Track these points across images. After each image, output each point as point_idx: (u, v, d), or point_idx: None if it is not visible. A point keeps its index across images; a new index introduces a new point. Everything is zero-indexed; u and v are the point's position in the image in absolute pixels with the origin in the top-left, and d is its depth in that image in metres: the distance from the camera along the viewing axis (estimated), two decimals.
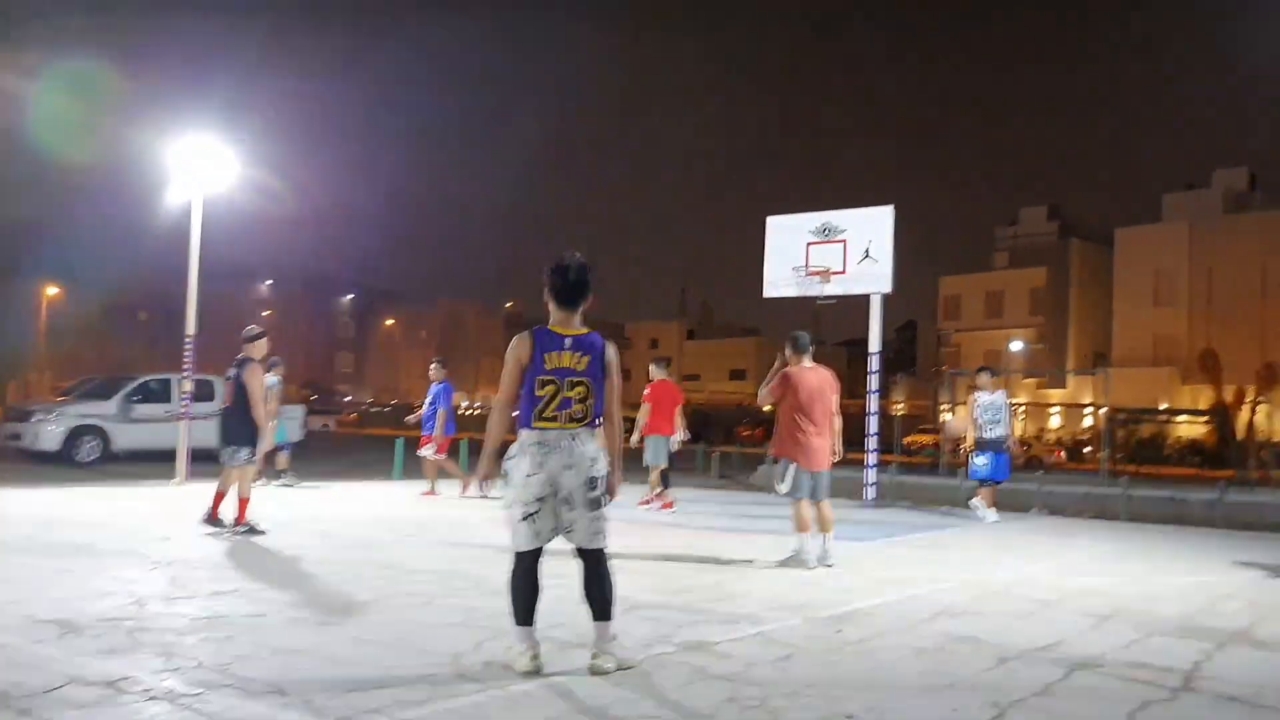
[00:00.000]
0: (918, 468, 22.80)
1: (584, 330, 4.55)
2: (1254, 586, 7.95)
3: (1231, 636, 5.83)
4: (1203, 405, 44.67)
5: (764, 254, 16.53)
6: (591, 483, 4.40)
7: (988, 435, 12.46)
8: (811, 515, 7.89)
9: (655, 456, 12.29)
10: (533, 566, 4.46)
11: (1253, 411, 38.18)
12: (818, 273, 15.70)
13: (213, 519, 8.68)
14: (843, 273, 15.58)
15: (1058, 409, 51.36)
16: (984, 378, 12.95)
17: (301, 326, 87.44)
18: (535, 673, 4.31)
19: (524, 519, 4.41)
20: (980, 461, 12.53)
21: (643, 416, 12.45)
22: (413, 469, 17.01)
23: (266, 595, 5.94)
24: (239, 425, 8.67)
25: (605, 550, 4.53)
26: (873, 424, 15.81)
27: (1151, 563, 9.17)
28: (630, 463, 6.36)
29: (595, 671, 4.36)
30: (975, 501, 12.64)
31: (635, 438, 12.28)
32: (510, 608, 4.48)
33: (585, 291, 4.56)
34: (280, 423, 14.25)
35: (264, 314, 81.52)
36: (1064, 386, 55.87)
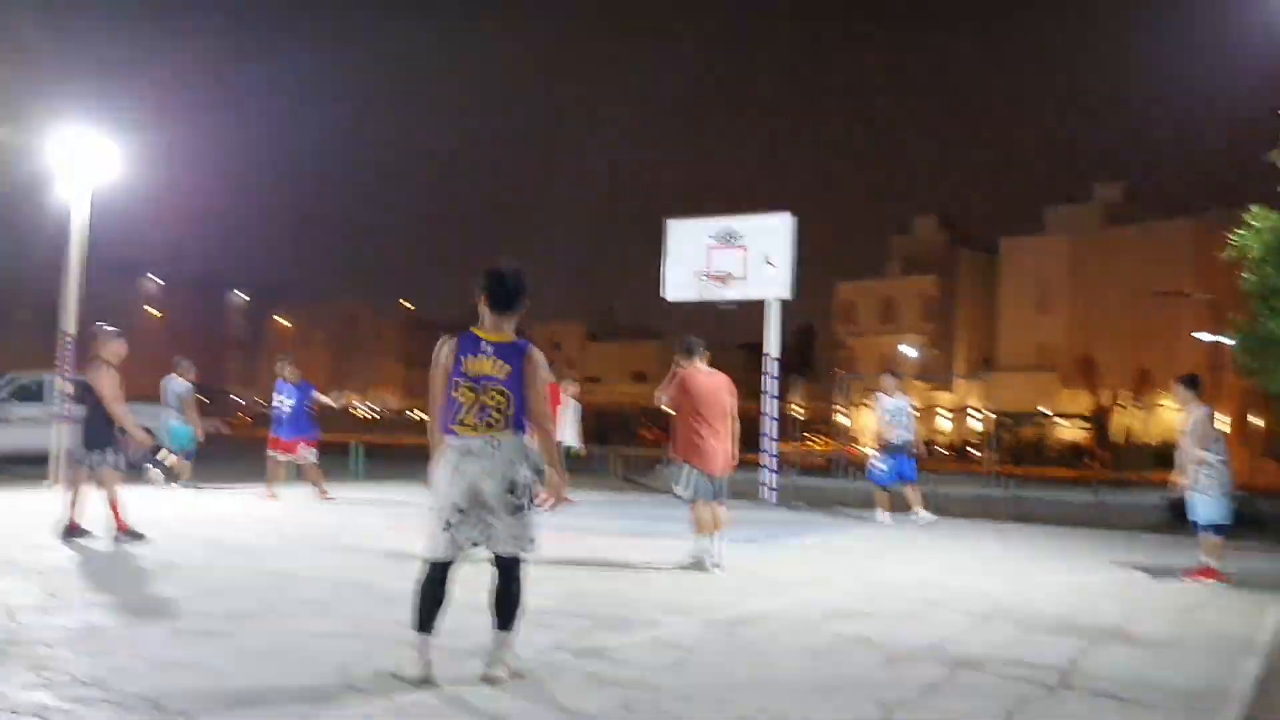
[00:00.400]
0: (814, 470, 23.22)
1: (510, 337, 4.45)
2: (1127, 585, 8.30)
3: (1106, 634, 6.08)
4: (1082, 409, 46.61)
5: (663, 257, 16.64)
6: (512, 488, 4.31)
7: (892, 439, 12.56)
8: (710, 517, 7.95)
9: None
10: (444, 576, 4.36)
11: (1127, 415, 39.97)
12: (718, 277, 15.87)
13: (121, 530, 8.23)
14: (742, 278, 15.78)
15: (946, 412, 52.92)
16: (888, 381, 13.05)
17: (191, 325, 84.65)
18: (425, 680, 4.22)
19: (444, 529, 4.31)
20: (882, 466, 12.60)
21: None
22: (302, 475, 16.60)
23: (146, 605, 5.72)
24: (100, 429, 8.26)
25: (523, 561, 4.42)
26: (771, 427, 16.04)
27: (1033, 562, 9.50)
28: None
29: (488, 681, 4.29)
30: (879, 510, 12.57)
31: None
32: (413, 611, 4.35)
33: (520, 298, 4.47)
34: (189, 429, 13.91)
35: (151, 312, 78.77)
36: (952, 390, 57.65)
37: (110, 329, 8.61)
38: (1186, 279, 46.49)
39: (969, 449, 42.34)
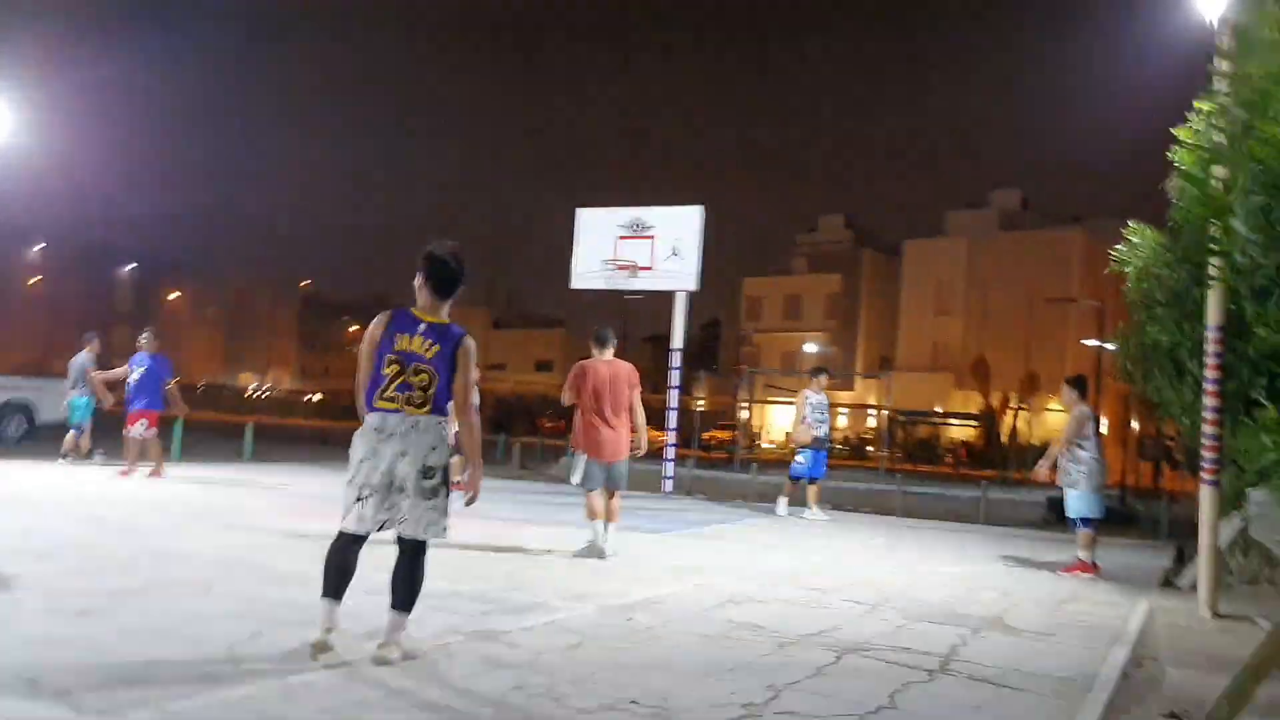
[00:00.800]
0: (715, 463, 23.51)
1: (445, 320, 4.50)
2: (1008, 577, 8.63)
3: (986, 622, 6.32)
4: (973, 409, 48.12)
5: (573, 245, 16.63)
6: (427, 471, 4.33)
7: (816, 434, 12.66)
8: (601, 505, 7.99)
9: None
10: (351, 547, 4.38)
11: (1015, 417, 41.41)
12: (626, 267, 15.94)
13: None
14: (650, 269, 15.88)
15: (845, 409, 54.04)
16: (822, 379, 13.12)
17: (76, 297, 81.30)
18: (324, 647, 4.24)
19: (356, 502, 4.35)
20: (800, 460, 12.68)
21: None
22: (191, 451, 16.15)
23: (23, 582, 5.49)
24: None
25: (428, 544, 4.43)
26: (672, 419, 16.19)
27: (920, 555, 9.81)
28: None
29: (380, 661, 4.26)
30: (781, 502, 12.72)
31: None
32: (322, 578, 4.37)
33: (456, 281, 4.53)
34: (88, 400, 13.41)
35: (33, 281, 75.34)
36: (852, 389, 58.90)
37: None
38: (1076, 286, 48.42)
39: (866, 446, 43.37)
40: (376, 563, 4.47)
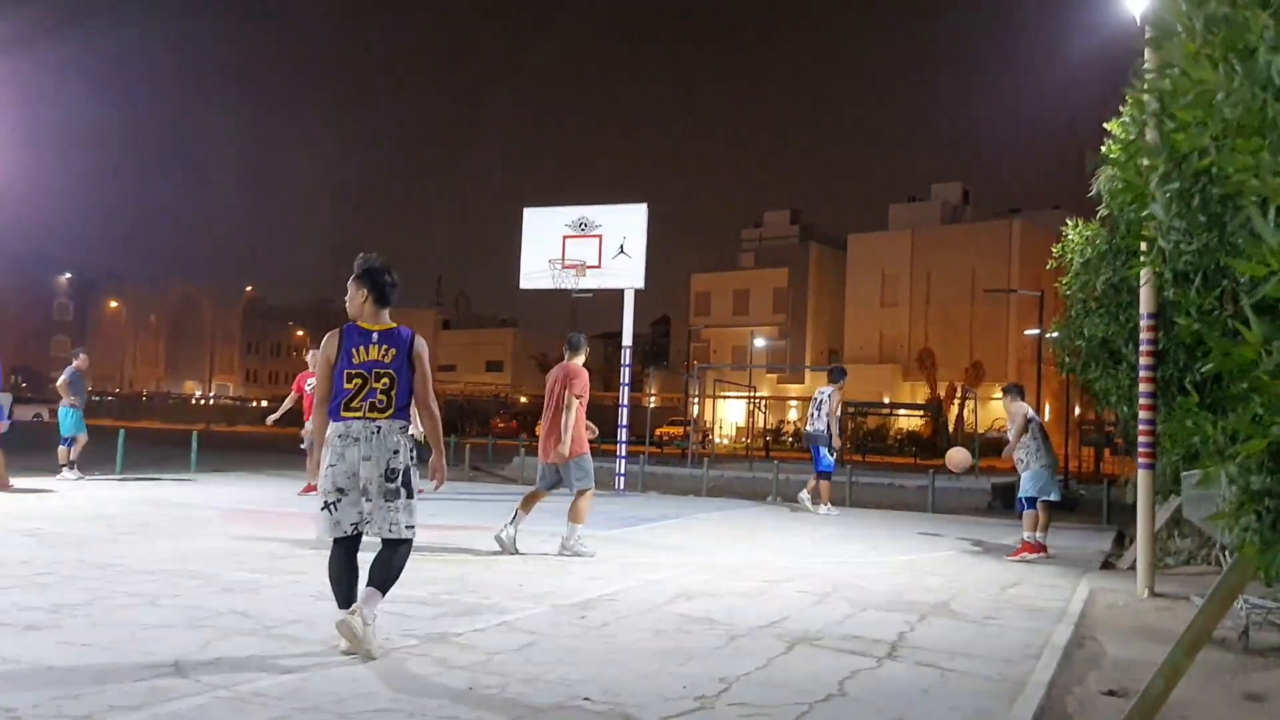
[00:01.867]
0: (668, 459, 23.58)
1: (391, 325, 4.76)
2: (954, 564, 8.79)
3: (932, 609, 6.44)
4: (920, 400, 48.73)
5: (521, 245, 16.60)
6: (390, 474, 4.56)
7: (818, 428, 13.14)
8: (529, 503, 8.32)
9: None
10: (345, 552, 4.63)
11: (961, 406, 42.00)
12: (573, 266, 15.93)
13: None
14: (598, 267, 15.89)
15: (795, 402, 54.46)
16: (835, 374, 13.77)
17: (11, 307, 79.32)
18: (365, 640, 4.44)
19: (323, 508, 4.58)
20: (831, 456, 13.09)
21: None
22: (134, 463, 15.87)
23: None
24: None
25: (407, 540, 4.66)
26: (624, 415, 16.22)
27: (869, 544, 9.95)
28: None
29: (344, 626, 4.42)
30: (818, 501, 12.93)
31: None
32: (333, 593, 4.64)
33: (392, 289, 4.78)
34: (79, 414, 13.34)
35: None
36: (803, 381, 59.38)
37: None
38: (1015, 276, 49.20)
39: None
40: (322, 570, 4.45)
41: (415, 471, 4.74)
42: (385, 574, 4.61)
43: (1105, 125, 7.40)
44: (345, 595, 4.59)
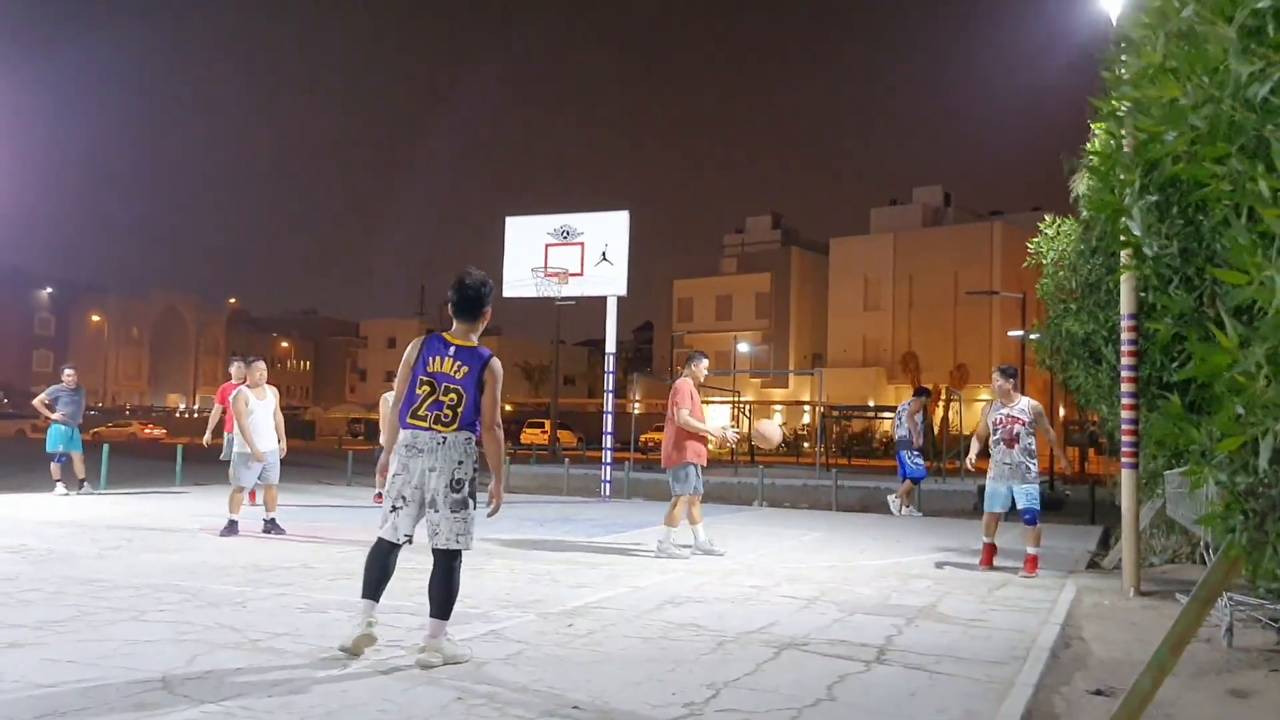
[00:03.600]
0: (653, 465, 23.58)
1: (473, 343, 4.89)
2: (941, 567, 8.82)
3: (920, 612, 6.46)
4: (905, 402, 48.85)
5: (503, 254, 16.60)
6: (456, 484, 4.70)
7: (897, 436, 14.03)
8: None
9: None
10: (388, 552, 4.79)
11: (946, 408, 42.18)
12: (556, 274, 15.94)
13: None
14: (580, 274, 15.91)
15: (780, 407, 54.57)
16: (923, 400, 14.68)
17: None
18: (369, 640, 4.66)
19: (391, 512, 4.77)
20: (919, 461, 13.73)
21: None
22: (118, 478, 15.76)
23: None
24: None
25: (460, 552, 4.78)
26: (608, 422, 16.22)
27: (855, 548, 9.97)
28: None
29: (423, 665, 4.51)
30: (906, 507, 13.53)
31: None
32: (363, 580, 4.78)
33: (479, 306, 4.93)
34: (71, 431, 13.43)
35: None
36: (786, 386, 59.48)
37: None
38: (998, 278, 49.46)
39: (802, 442, 43.80)
40: (325, 589, 4.43)
41: (476, 484, 4.86)
42: (446, 599, 4.70)
43: (1091, 123, 7.47)
44: (374, 588, 4.74)
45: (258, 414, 9.32)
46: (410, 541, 4.80)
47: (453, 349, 4.82)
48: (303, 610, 5.30)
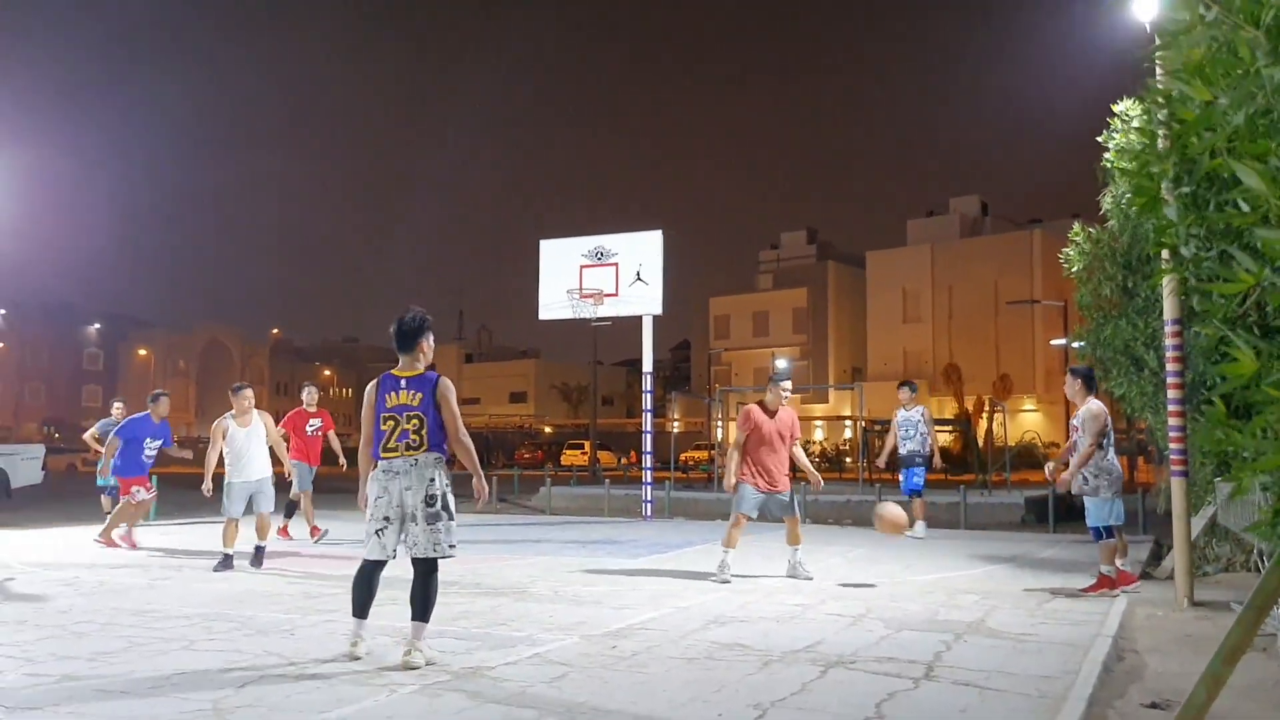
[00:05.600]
0: (693, 484, 23.52)
1: (419, 371, 5.35)
2: (989, 581, 8.70)
3: (968, 628, 6.38)
4: (948, 415, 48.37)
5: (539, 277, 16.70)
6: (430, 499, 5.15)
7: (903, 450, 12.59)
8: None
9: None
10: (372, 572, 5.31)
11: (990, 420, 41.70)
12: (591, 295, 16.00)
13: None
14: (615, 295, 15.95)
15: (821, 422, 54.24)
16: (903, 393, 12.91)
17: (42, 359, 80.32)
18: (353, 658, 5.11)
19: (374, 534, 5.25)
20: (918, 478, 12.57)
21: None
22: (169, 509, 15.98)
23: (1, 651, 5.44)
24: None
25: (438, 560, 5.20)
26: (647, 442, 16.21)
27: (901, 563, 9.86)
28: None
29: (407, 666, 4.91)
30: (919, 525, 12.14)
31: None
32: (351, 600, 5.31)
33: (415, 338, 5.36)
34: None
35: None
36: (827, 401, 59.12)
37: None
38: (1038, 286, 48.95)
39: (844, 457, 43.46)
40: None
41: (453, 497, 5.27)
42: (424, 602, 5.13)
43: (1110, 119, 7.42)
44: (362, 605, 5.26)
45: (239, 442, 9.17)
46: (395, 556, 5.27)
47: (403, 381, 5.30)
48: (349, 637, 5.34)
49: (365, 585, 5.29)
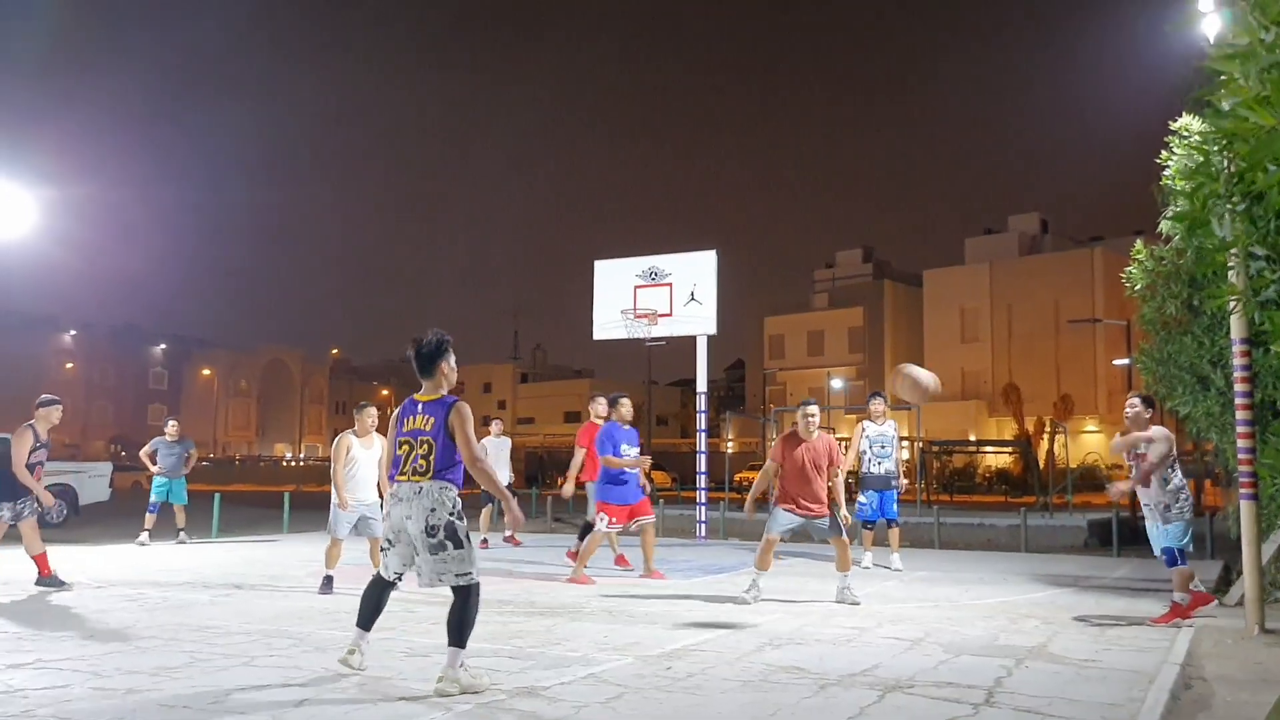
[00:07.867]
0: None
1: (438, 395, 5.25)
2: (1050, 604, 8.52)
3: (1030, 652, 6.25)
4: (1007, 436, 47.58)
5: (593, 297, 16.78)
6: (430, 530, 4.99)
7: (874, 470, 11.28)
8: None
9: None
10: (381, 587, 5.32)
11: (1052, 441, 40.94)
12: (645, 315, 16.03)
13: (44, 575, 8.98)
14: (669, 315, 15.97)
15: None
16: (876, 405, 11.51)
17: (110, 378, 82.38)
18: (347, 664, 5.19)
19: (382, 551, 5.32)
20: (863, 500, 11.33)
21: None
22: (230, 526, 16.27)
23: (69, 665, 5.57)
24: (13, 483, 8.85)
25: (471, 586, 5.01)
26: (701, 462, 16.17)
27: (960, 586, 9.71)
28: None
29: (439, 694, 4.77)
30: (862, 554, 11.03)
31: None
32: (357, 610, 5.33)
33: (434, 362, 5.26)
34: (170, 483, 13.81)
35: (66, 366, 76.49)
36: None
37: (48, 397, 9.26)
38: (1100, 305, 48.05)
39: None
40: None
41: (460, 525, 5.06)
42: (458, 626, 4.96)
43: (1166, 150, 7.28)
44: (366, 617, 5.28)
45: (361, 462, 9.01)
46: (400, 580, 5.29)
47: (420, 406, 5.23)
48: (405, 655, 5.39)
49: (374, 599, 5.32)
